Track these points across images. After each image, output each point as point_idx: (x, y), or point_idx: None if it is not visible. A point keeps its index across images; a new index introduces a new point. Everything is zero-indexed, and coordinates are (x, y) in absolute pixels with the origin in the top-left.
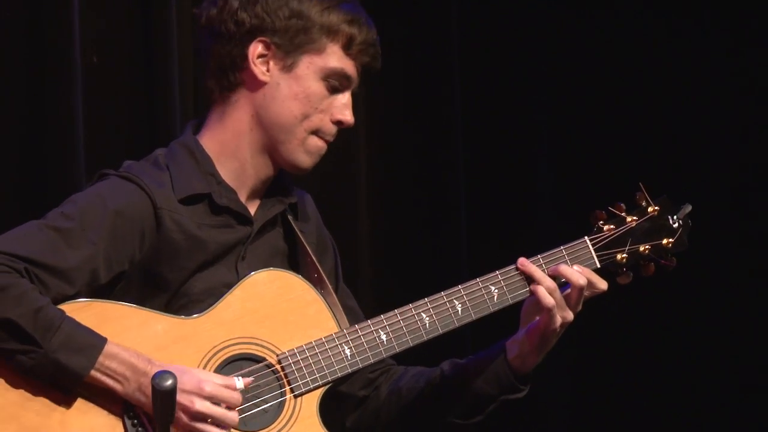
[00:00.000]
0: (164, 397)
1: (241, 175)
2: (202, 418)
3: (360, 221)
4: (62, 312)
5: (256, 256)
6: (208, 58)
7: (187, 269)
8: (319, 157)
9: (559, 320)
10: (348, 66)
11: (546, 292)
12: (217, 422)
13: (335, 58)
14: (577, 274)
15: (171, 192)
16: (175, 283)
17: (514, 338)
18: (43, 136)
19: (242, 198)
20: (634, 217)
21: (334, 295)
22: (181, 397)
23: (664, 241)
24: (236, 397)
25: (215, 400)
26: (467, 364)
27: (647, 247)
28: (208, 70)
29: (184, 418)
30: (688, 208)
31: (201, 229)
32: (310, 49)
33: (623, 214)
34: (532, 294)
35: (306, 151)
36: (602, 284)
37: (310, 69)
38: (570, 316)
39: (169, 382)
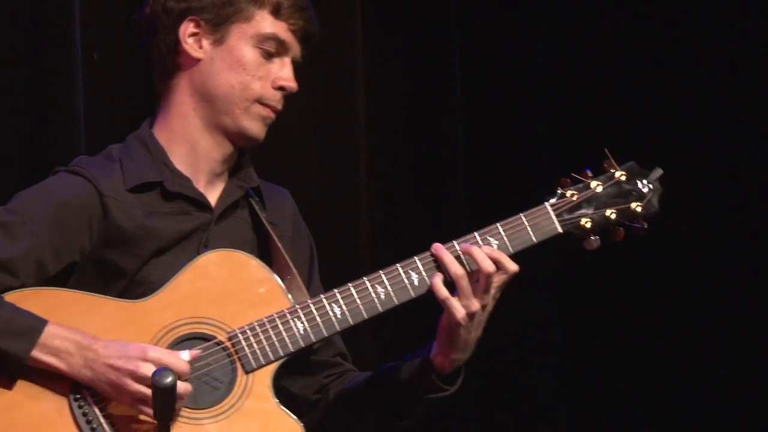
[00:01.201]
0: (164, 394)
1: (194, 159)
2: (149, 382)
3: (360, 222)
4: (1, 298)
5: (223, 244)
6: (149, 54)
7: (141, 257)
8: (266, 125)
9: (461, 311)
10: (280, 30)
11: (440, 282)
12: None
13: (265, 24)
14: (486, 261)
15: (119, 181)
16: (130, 271)
17: None
18: (44, 133)
19: (200, 185)
20: (600, 183)
21: (302, 284)
22: (127, 364)
23: (633, 206)
24: (182, 364)
25: (160, 365)
26: (401, 364)
27: (614, 211)
28: (150, 66)
29: (131, 383)
30: (659, 172)
31: (152, 216)
32: (239, 19)
33: (588, 180)
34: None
35: (251, 118)
36: (512, 266)
37: (241, 38)
38: (474, 305)
39: (169, 379)
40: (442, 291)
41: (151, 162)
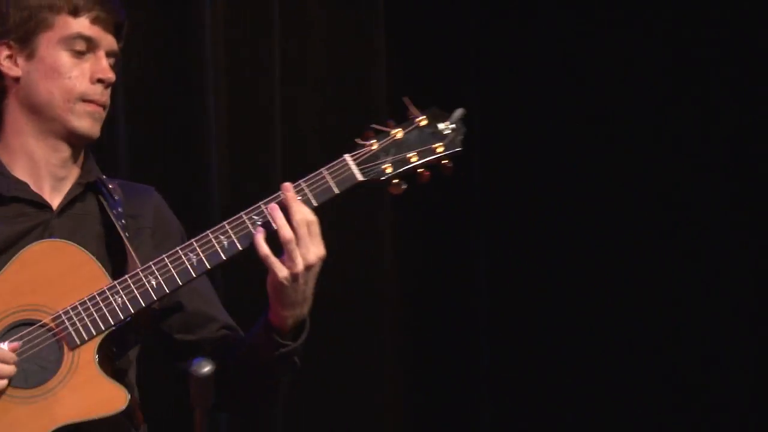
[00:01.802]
0: (202, 383)
1: (34, 169)
2: None
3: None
4: None
5: (67, 239)
6: None
7: None
8: (96, 120)
9: (283, 271)
10: (82, 27)
11: (261, 239)
12: None
13: (67, 26)
14: (285, 228)
15: None
16: None
17: None
18: None
19: (44, 190)
20: (401, 129)
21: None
22: None
23: (434, 146)
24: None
25: None
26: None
27: (415, 154)
28: None
29: None
30: (460, 112)
31: None
32: (42, 29)
33: (389, 129)
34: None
35: (78, 117)
36: (311, 216)
37: (49, 46)
38: (296, 265)
39: (207, 368)
40: (264, 249)
41: None
